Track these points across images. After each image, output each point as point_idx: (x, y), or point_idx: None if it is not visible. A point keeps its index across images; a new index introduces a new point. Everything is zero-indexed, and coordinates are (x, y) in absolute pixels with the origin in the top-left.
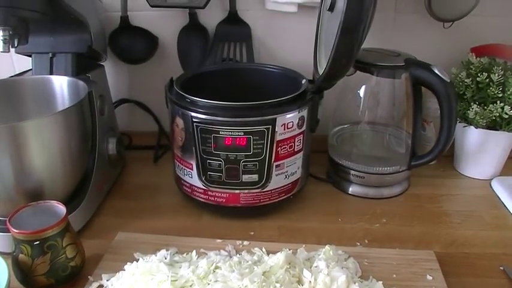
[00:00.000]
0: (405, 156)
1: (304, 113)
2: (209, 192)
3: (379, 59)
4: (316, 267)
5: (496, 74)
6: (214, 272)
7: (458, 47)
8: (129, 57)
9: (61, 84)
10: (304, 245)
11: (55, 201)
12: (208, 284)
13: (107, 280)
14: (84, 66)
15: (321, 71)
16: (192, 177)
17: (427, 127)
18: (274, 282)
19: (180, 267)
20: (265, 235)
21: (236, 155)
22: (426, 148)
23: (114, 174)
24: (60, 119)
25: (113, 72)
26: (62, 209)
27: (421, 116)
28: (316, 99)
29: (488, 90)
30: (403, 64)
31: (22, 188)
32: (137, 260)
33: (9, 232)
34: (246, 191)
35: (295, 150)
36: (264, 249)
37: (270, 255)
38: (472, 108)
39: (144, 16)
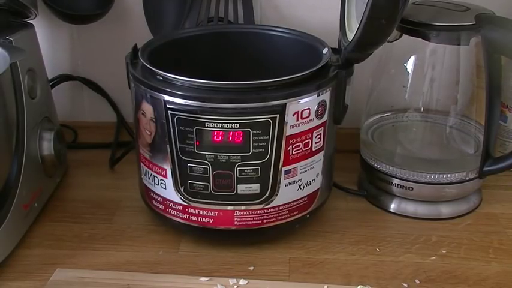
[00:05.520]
0: (475, 158)
1: (326, 96)
2: (190, 210)
3: (437, 16)
4: None
5: None
6: None
7: None
8: (71, 12)
9: None
10: (326, 286)
11: None
12: None
13: None
14: (3, 25)
15: (350, 36)
16: (165, 188)
17: (509, 116)
18: None
19: None
20: (270, 271)
21: (229, 156)
22: (507, 147)
23: (50, 186)
24: None
25: (48, 35)
26: None
27: (500, 99)
28: (344, 76)
29: None
30: (473, 23)
31: None
32: None
33: None
34: (243, 207)
35: (313, 149)
36: None
37: None
38: None
39: None
